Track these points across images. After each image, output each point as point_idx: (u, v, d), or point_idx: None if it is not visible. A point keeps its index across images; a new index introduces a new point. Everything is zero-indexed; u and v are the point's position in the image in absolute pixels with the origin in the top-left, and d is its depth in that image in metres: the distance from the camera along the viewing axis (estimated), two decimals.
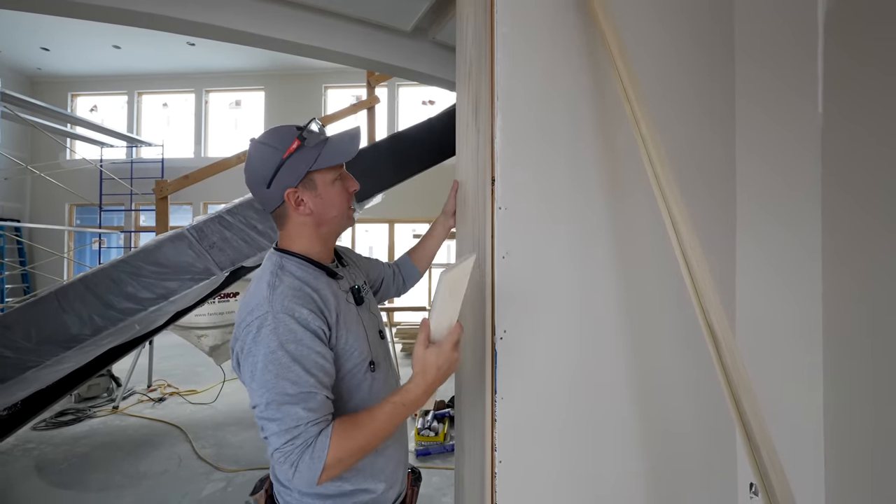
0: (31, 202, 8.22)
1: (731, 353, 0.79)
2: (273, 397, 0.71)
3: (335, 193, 0.86)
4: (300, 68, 7.89)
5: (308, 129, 0.83)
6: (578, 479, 1.10)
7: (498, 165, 1.04)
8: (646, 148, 0.94)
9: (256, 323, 0.73)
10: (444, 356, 0.76)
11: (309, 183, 0.83)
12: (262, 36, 2.16)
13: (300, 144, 0.81)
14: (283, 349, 0.72)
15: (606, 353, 1.12)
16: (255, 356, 0.72)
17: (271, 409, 0.70)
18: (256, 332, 0.73)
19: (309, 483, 0.69)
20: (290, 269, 0.82)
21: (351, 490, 0.83)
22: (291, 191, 0.82)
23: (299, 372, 0.72)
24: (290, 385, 0.71)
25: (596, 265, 1.12)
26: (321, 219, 0.86)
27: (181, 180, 2.77)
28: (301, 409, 0.70)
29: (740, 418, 0.77)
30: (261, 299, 0.75)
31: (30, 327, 1.82)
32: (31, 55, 7.46)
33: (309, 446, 0.69)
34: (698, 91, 1.33)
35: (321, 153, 0.82)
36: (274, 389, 0.71)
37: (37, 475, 2.63)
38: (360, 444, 0.73)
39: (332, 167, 0.85)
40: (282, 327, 0.73)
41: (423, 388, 0.76)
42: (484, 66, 1.07)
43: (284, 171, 0.81)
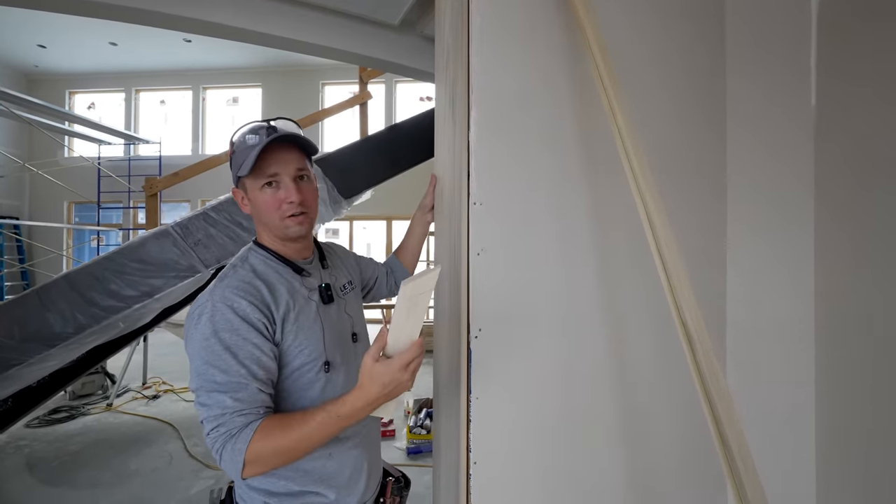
0: (29, 200, 8.24)
1: (704, 349, 0.77)
2: (202, 383, 0.71)
3: (263, 200, 0.83)
4: (297, 65, 7.87)
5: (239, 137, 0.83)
6: (556, 480, 1.08)
7: (473, 159, 1.01)
8: (622, 141, 0.91)
9: (198, 311, 0.75)
10: (390, 374, 0.69)
11: (242, 186, 0.86)
12: (253, 31, 2.14)
13: (233, 151, 0.84)
14: (217, 337, 0.72)
15: (585, 352, 1.10)
16: (193, 343, 0.73)
17: (202, 395, 0.71)
18: (196, 320, 0.74)
19: (234, 474, 0.69)
20: (252, 262, 0.84)
21: (298, 491, 0.81)
22: (235, 190, 0.88)
23: (230, 361, 0.71)
24: (220, 373, 0.71)
25: (575, 262, 1.09)
26: (259, 220, 0.87)
27: (171, 177, 2.76)
28: (228, 399, 0.70)
29: (712, 414, 0.74)
30: (209, 289, 0.78)
31: (12, 325, 1.81)
32: (27, 53, 7.46)
33: (232, 437, 0.69)
34: (687, 83, 1.29)
35: (245, 160, 0.81)
36: (204, 376, 0.71)
37: (27, 472, 2.63)
38: (283, 446, 0.69)
39: (257, 175, 0.81)
40: (218, 316, 0.73)
41: (362, 401, 0.70)
42: (460, 57, 1.04)
43: (231, 169, 0.86)
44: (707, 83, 1.34)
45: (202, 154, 8.13)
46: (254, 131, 0.82)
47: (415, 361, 0.72)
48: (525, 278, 1.05)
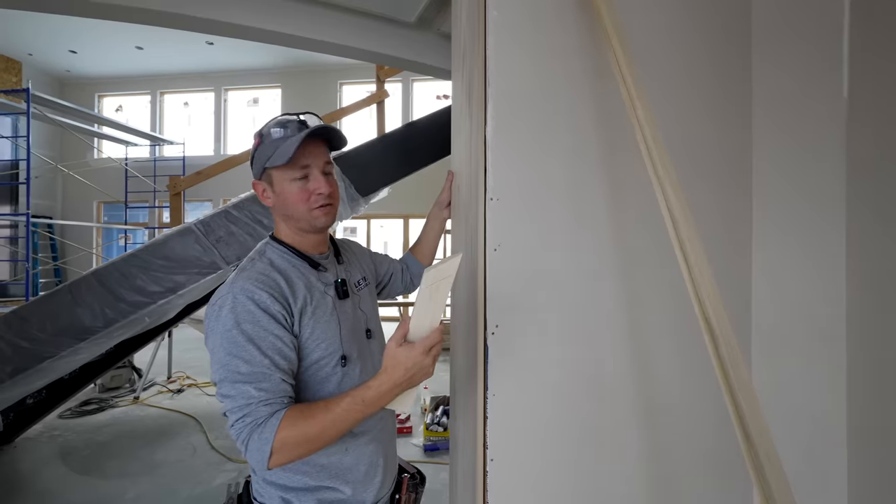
0: (62, 200, 8.57)
1: (728, 347, 0.74)
2: (226, 375, 0.71)
3: (292, 192, 0.83)
4: (315, 65, 7.96)
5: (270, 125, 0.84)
6: (573, 478, 1.06)
7: (489, 154, 1.00)
8: (643, 134, 0.89)
9: (218, 304, 0.75)
10: (413, 359, 0.71)
11: (268, 178, 0.85)
12: (273, 31, 2.17)
13: (260, 142, 0.84)
14: (239, 328, 0.72)
15: (603, 349, 1.08)
16: (215, 335, 0.74)
17: (225, 386, 0.71)
18: (217, 312, 0.75)
19: (259, 464, 0.69)
20: (270, 256, 0.84)
21: (314, 486, 0.81)
22: (256, 182, 0.88)
23: (253, 352, 0.72)
24: (244, 364, 0.71)
25: (592, 258, 1.07)
26: (283, 214, 0.87)
27: (194, 177, 2.83)
28: (253, 389, 0.70)
29: (737, 414, 0.72)
30: (228, 281, 0.78)
31: (45, 319, 1.88)
32: (60, 58, 7.75)
33: (258, 426, 0.69)
34: (712, 74, 1.25)
35: (276, 151, 0.81)
36: (227, 367, 0.71)
37: (60, 461, 2.74)
38: (309, 434, 0.70)
39: (290, 166, 0.82)
40: (240, 307, 0.74)
41: (386, 386, 0.72)
42: (477, 52, 1.03)
43: (254, 162, 0.86)
44: (732, 72, 1.29)
45: (224, 154, 8.32)
46: (282, 124, 0.83)
47: (436, 347, 0.74)
48: (542, 274, 1.03)
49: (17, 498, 2.34)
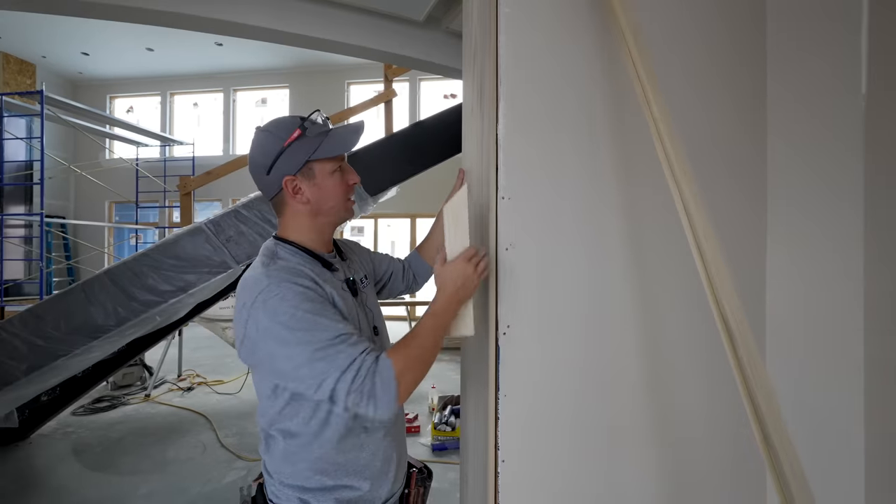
0: (74, 200, 8.70)
1: (747, 347, 0.73)
2: (314, 350, 0.70)
3: (333, 184, 0.86)
4: (323, 65, 8.00)
5: (310, 119, 0.84)
6: (585, 480, 1.05)
7: (501, 153, 0.99)
8: (658, 130, 0.87)
9: (261, 297, 0.73)
10: (457, 269, 0.84)
11: (308, 172, 0.84)
12: (281, 31, 2.19)
13: (301, 133, 0.82)
14: (300, 309, 0.72)
15: (616, 350, 1.07)
16: (276, 327, 0.72)
17: (317, 364, 0.70)
18: (264, 306, 0.73)
19: (391, 406, 0.72)
20: (282, 255, 0.83)
21: (332, 485, 0.81)
22: (289, 178, 0.83)
23: (325, 322, 0.73)
24: (325, 333, 0.72)
25: (605, 257, 1.06)
26: (318, 208, 0.86)
27: (204, 177, 2.85)
28: (347, 348, 0.71)
29: (756, 415, 0.70)
30: (259, 276, 0.76)
31: (59, 318, 1.91)
32: (73, 60, 7.86)
33: (374, 373, 0.71)
34: (725, 70, 1.23)
35: (322, 144, 0.83)
36: (311, 344, 0.71)
37: (74, 458, 2.78)
38: (416, 353, 0.76)
39: (331, 158, 0.85)
40: (289, 293, 0.73)
41: (443, 299, 0.83)
42: (488, 49, 1.02)
43: (284, 158, 0.82)
44: (746, 67, 1.27)
45: (233, 154, 8.39)
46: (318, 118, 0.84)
47: (474, 257, 0.86)
48: (555, 274, 1.02)
49: (34, 493, 2.38)
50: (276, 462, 0.83)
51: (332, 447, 0.81)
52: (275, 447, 0.82)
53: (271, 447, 0.83)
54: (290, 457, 0.81)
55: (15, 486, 2.45)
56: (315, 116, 0.85)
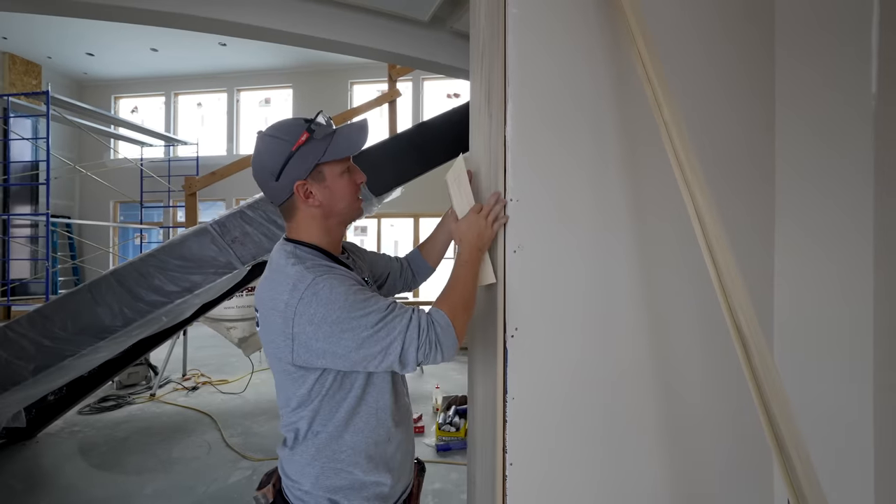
0: (79, 200, 8.74)
1: (760, 354, 0.72)
2: (374, 324, 0.75)
3: (343, 185, 0.87)
4: (326, 65, 8.00)
5: (316, 122, 0.83)
6: (594, 483, 1.05)
7: (509, 154, 0.99)
8: (669, 134, 0.86)
9: (310, 291, 0.75)
10: (470, 220, 0.94)
11: (318, 175, 0.84)
12: (285, 32, 2.18)
13: (309, 136, 0.81)
14: (351, 291, 0.76)
15: (625, 353, 1.06)
16: (333, 313, 0.74)
17: (379, 334, 0.75)
18: (315, 298, 0.75)
19: (454, 347, 0.80)
20: (305, 256, 0.83)
21: (363, 481, 0.84)
22: (300, 183, 0.83)
23: (375, 298, 0.78)
24: (377, 307, 0.77)
25: (614, 259, 1.05)
26: (330, 210, 0.87)
27: (208, 177, 2.85)
28: (400, 312, 0.78)
29: (769, 424, 0.70)
30: (297, 274, 0.77)
31: (66, 318, 1.91)
32: (78, 61, 7.89)
33: (432, 323, 0.79)
34: (734, 70, 1.22)
35: (329, 145, 0.83)
36: (370, 319, 0.75)
37: (80, 457, 2.79)
38: (459, 299, 0.85)
39: (340, 160, 0.86)
40: (335, 281, 0.76)
41: (467, 248, 0.92)
42: (496, 48, 1.01)
43: (293, 162, 0.82)
44: (755, 67, 1.26)
45: (237, 154, 8.41)
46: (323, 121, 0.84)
47: (484, 209, 0.96)
48: (563, 276, 1.02)
49: (42, 492, 2.39)
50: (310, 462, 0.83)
51: (366, 440, 0.84)
52: (312, 445, 0.83)
53: (304, 448, 0.83)
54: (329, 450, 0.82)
55: (23, 484, 2.46)
56: (320, 118, 0.84)
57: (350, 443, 0.83)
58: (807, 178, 1.27)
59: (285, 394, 0.84)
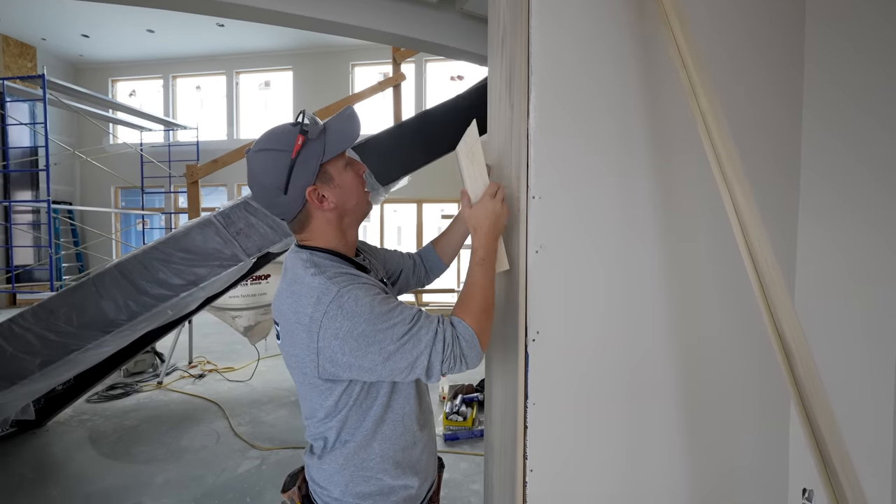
0: (80, 186, 8.68)
1: (806, 367, 0.68)
2: (400, 337, 0.74)
3: (350, 179, 0.84)
4: (327, 46, 7.81)
5: (306, 123, 0.79)
6: (616, 491, 1.02)
7: (532, 149, 0.93)
8: (706, 124, 0.80)
9: (335, 304, 0.73)
10: (486, 207, 0.87)
11: (324, 176, 0.81)
12: (287, 13, 2.09)
13: (305, 139, 0.77)
14: (375, 303, 0.74)
15: (651, 357, 1.02)
16: (359, 327, 0.73)
17: (405, 347, 0.74)
18: (341, 312, 0.73)
19: (480, 358, 0.79)
20: (324, 264, 0.80)
21: (391, 486, 0.84)
22: (311, 188, 0.79)
23: (400, 308, 0.76)
24: (402, 318, 0.75)
25: (641, 261, 1.00)
26: (344, 209, 0.84)
27: (210, 165, 2.79)
28: (425, 323, 0.76)
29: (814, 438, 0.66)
30: (320, 287, 0.75)
31: (71, 312, 1.89)
32: (73, 42, 7.73)
33: (457, 337, 0.77)
34: (759, 56, 1.15)
35: (326, 143, 0.79)
36: (398, 329, 0.74)
37: (90, 445, 2.81)
38: (481, 305, 0.81)
39: (339, 155, 0.82)
40: (360, 293, 0.74)
41: (483, 241, 0.86)
42: (519, 34, 0.94)
43: (297, 170, 0.78)
44: (780, 53, 1.19)
45: (237, 138, 8.30)
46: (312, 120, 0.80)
47: (498, 191, 0.89)
48: (587, 278, 0.97)
49: (52, 481, 2.41)
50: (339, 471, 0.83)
51: (393, 445, 0.84)
52: (341, 454, 0.83)
53: (333, 457, 0.83)
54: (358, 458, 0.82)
55: (34, 473, 2.48)
56: (306, 118, 0.80)
57: (378, 451, 0.83)
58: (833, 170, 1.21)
59: (311, 404, 0.83)
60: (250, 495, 2.27)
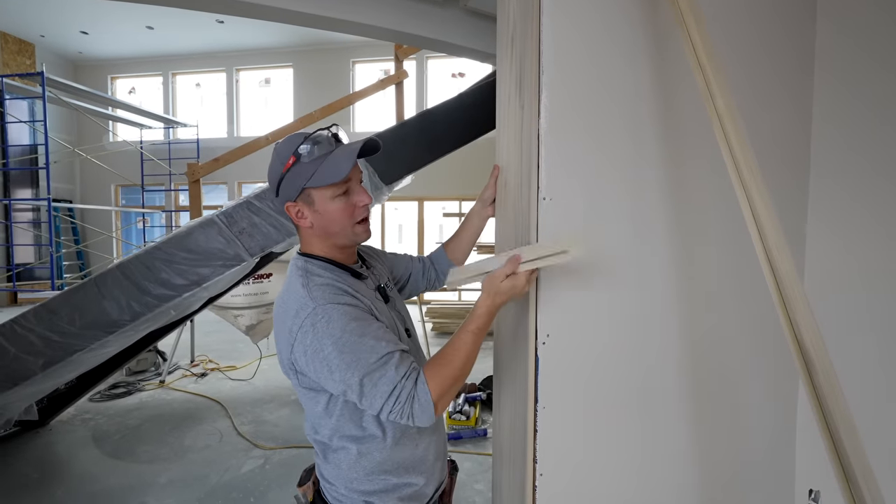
0: (80, 184, 8.65)
1: (826, 375, 0.67)
2: (363, 373, 0.73)
3: (335, 210, 0.82)
4: (328, 43, 7.77)
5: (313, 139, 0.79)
6: (626, 494, 1.01)
7: (543, 149, 0.91)
8: (723, 127, 0.79)
9: (309, 321, 0.74)
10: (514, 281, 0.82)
11: (307, 198, 0.82)
12: (287, 10, 2.07)
13: (295, 161, 0.79)
14: (346, 331, 0.73)
15: (662, 360, 1.01)
16: (325, 350, 0.73)
17: (367, 384, 0.73)
18: (313, 330, 0.74)
19: (429, 422, 0.77)
20: (316, 273, 0.82)
21: (395, 483, 0.85)
22: (291, 204, 0.83)
23: (371, 342, 0.74)
24: (370, 355, 0.74)
25: (653, 265, 0.99)
26: (324, 232, 0.84)
27: (211, 163, 2.78)
28: (391, 371, 0.74)
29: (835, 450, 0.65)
30: (301, 300, 0.77)
31: (74, 313, 1.88)
32: (72, 39, 7.69)
33: (412, 398, 0.74)
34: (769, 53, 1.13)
35: (317, 170, 0.79)
36: (359, 367, 0.73)
37: (94, 445, 2.81)
38: (455, 373, 0.78)
39: (339, 183, 0.80)
40: (335, 314, 0.74)
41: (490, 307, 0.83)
42: (530, 31, 0.93)
43: (285, 184, 0.81)
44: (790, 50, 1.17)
45: (237, 136, 8.26)
46: (315, 141, 0.79)
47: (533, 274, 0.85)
48: (598, 281, 0.96)
49: (57, 481, 2.41)
50: (342, 470, 0.84)
51: (393, 446, 0.84)
52: (341, 457, 0.84)
53: (335, 458, 0.85)
54: (359, 462, 0.83)
55: (38, 473, 2.48)
56: (320, 135, 0.80)
57: (378, 456, 0.84)
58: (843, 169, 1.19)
59: (306, 408, 0.86)
60: (254, 495, 2.27)
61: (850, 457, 0.61)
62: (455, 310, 5.73)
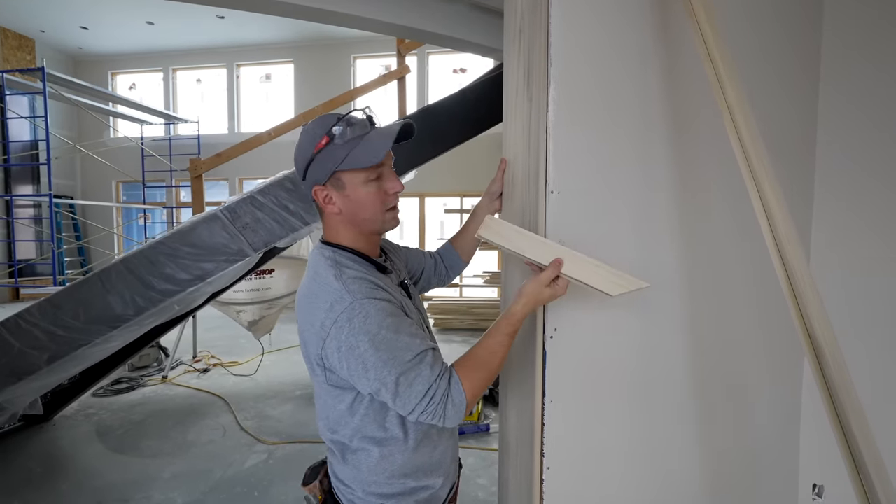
0: (81, 180, 8.64)
1: (838, 368, 0.66)
2: (400, 371, 0.71)
3: (366, 195, 0.79)
4: (329, 39, 7.74)
5: (346, 120, 0.76)
6: (634, 489, 1.01)
7: (551, 142, 0.91)
8: (733, 120, 0.78)
9: (345, 316, 0.71)
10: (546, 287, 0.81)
11: (337, 182, 0.78)
12: (289, 3, 2.05)
13: (328, 141, 0.75)
14: (383, 328, 0.71)
15: (670, 354, 1.01)
16: (360, 346, 0.71)
17: (402, 383, 0.71)
18: (349, 325, 0.71)
19: (458, 421, 0.76)
20: (347, 265, 0.78)
21: (413, 487, 0.83)
22: (319, 188, 0.79)
23: (406, 340, 0.72)
24: (406, 353, 0.72)
25: (661, 258, 0.98)
26: (352, 219, 0.81)
27: (214, 159, 2.77)
28: (426, 370, 0.72)
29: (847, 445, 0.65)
30: (336, 293, 0.73)
31: (78, 308, 1.88)
32: (72, 35, 7.66)
33: (446, 398, 0.73)
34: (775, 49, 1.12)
35: (350, 153, 0.75)
36: (395, 365, 0.71)
37: (97, 440, 2.81)
38: (488, 375, 0.77)
39: (364, 168, 0.77)
40: (372, 310, 0.72)
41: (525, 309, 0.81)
42: (538, 23, 0.92)
43: (314, 166, 0.77)
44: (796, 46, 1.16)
45: (238, 132, 8.24)
46: (350, 122, 0.76)
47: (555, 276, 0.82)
48: None
49: (61, 475, 2.42)
50: (361, 473, 0.82)
51: (415, 449, 0.82)
52: (361, 458, 0.81)
53: (354, 459, 0.82)
54: (380, 464, 0.81)
55: (42, 468, 2.49)
56: (353, 117, 0.77)
57: (400, 458, 0.81)
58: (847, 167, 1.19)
59: (325, 406, 0.82)
60: (258, 489, 2.28)
61: (862, 449, 0.61)
62: (457, 306, 5.69)
